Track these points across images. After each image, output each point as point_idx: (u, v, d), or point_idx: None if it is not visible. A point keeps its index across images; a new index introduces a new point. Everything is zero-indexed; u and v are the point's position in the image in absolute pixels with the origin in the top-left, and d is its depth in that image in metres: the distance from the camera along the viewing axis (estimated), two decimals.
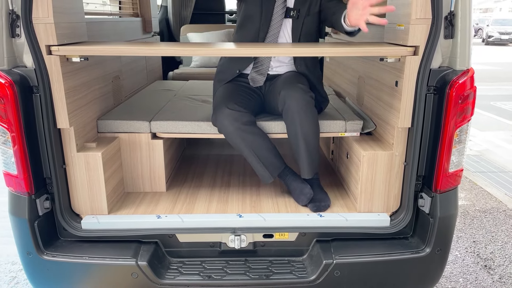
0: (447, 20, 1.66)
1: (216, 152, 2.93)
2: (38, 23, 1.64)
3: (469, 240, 3.05)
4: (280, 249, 1.95)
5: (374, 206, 1.98)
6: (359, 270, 1.83)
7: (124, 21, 2.98)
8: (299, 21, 2.16)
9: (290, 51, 1.89)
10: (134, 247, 1.85)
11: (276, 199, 2.15)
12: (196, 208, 2.06)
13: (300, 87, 2.01)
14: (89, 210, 1.93)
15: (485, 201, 3.69)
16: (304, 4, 2.15)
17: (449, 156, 1.72)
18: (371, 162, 1.91)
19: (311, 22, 2.18)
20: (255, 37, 2.17)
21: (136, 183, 2.21)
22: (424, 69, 1.69)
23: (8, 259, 2.74)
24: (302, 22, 2.16)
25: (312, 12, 2.16)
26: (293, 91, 1.98)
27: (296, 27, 2.18)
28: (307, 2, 2.15)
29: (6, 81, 1.59)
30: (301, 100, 1.96)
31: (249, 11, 2.18)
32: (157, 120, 2.12)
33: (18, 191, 1.72)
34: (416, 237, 1.90)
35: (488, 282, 2.59)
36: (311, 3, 2.15)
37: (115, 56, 2.43)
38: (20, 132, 1.64)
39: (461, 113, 1.67)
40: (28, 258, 1.80)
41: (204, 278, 1.82)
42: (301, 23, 2.17)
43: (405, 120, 1.79)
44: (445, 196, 1.78)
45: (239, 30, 2.26)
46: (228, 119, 1.97)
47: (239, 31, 2.26)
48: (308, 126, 1.97)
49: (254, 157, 2.02)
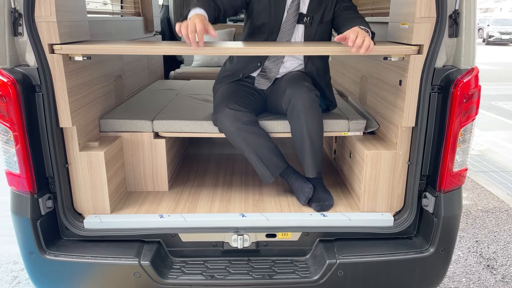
0: (452, 19, 1.65)
1: (217, 151, 2.92)
2: (41, 21, 1.63)
3: (472, 240, 3.04)
4: (283, 249, 1.94)
5: (377, 206, 1.97)
6: (363, 270, 1.82)
7: (126, 20, 2.97)
8: (312, 29, 2.12)
9: (292, 50, 1.88)
10: (136, 246, 1.84)
11: (278, 198, 2.14)
12: (199, 207, 2.05)
13: (305, 85, 2.00)
14: (92, 209, 1.93)
15: (487, 201, 3.68)
16: (318, 11, 2.10)
17: (454, 156, 1.71)
18: (375, 162, 1.91)
19: (324, 30, 2.14)
20: None
21: (138, 182, 2.21)
22: (428, 68, 1.68)
23: (9, 259, 2.74)
24: (315, 30, 2.12)
25: (325, 20, 2.12)
26: (299, 90, 1.97)
27: (309, 34, 2.13)
28: (321, 9, 2.09)
29: (8, 80, 1.58)
30: (306, 99, 1.95)
31: (258, 21, 2.12)
32: (160, 119, 2.12)
33: (21, 190, 1.72)
34: (419, 237, 1.89)
35: (491, 282, 2.58)
36: (325, 11, 2.10)
37: (117, 55, 2.42)
38: (23, 131, 1.64)
39: (465, 112, 1.66)
40: (30, 258, 1.79)
41: (207, 278, 1.81)
42: (314, 31, 2.12)
43: (409, 119, 1.78)
44: (449, 196, 1.77)
45: (247, 39, 2.21)
46: (228, 119, 1.96)
47: (247, 40, 2.21)
48: (313, 125, 1.96)
49: (255, 156, 2.01)
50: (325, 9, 2.10)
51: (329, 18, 2.12)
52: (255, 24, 2.14)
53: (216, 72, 2.43)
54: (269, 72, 2.22)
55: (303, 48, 1.79)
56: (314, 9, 2.10)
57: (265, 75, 2.23)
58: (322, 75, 2.24)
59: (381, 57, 2.10)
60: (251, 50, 1.79)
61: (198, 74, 3.95)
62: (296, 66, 2.22)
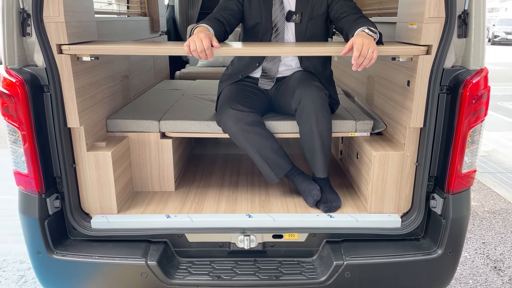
0: (461, 19, 1.64)
1: (223, 151, 2.92)
2: (49, 22, 1.63)
3: (479, 242, 3.02)
4: (290, 250, 1.94)
5: (384, 207, 1.96)
6: (370, 272, 1.81)
7: (132, 20, 2.98)
8: (302, 25, 2.12)
9: (302, 51, 1.87)
10: (143, 246, 1.84)
11: (285, 199, 2.14)
12: (205, 208, 2.05)
13: (315, 85, 1.99)
14: (99, 209, 1.93)
15: (494, 202, 3.66)
16: (306, 7, 2.09)
17: (462, 157, 1.70)
18: (382, 163, 1.90)
19: (315, 25, 2.13)
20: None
21: (145, 182, 2.21)
22: (437, 69, 1.67)
23: (16, 258, 2.75)
24: (305, 26, 2.11)
25: (316, 14, 2.10)
26: (308, 90, 1.96)
27: (300, 32, 2.13)
28: (310, 4, 2.09)
29: (17, 80, 1.58)
30: (317, 98, 1.94)
31: (251, 22, 2.15)
32: (166, 120, 2.12)
33: (28, 190, 1.72)
34: (427, 239, 1.88)
35: (498, 283, 2.56)
36: (314, 6, 2.09)
37: (124, 56, 2.42)
38: (31, 131, 1.64)
39: (474, 113, 1.65)
40: (38, 257, 1.79)
41: (213, 278, 1.81)
42: (305, 28, 2.12)
43: (417, 120, 1.77)
44: (457, 197, 1.76)
45: (244, 40, 2.25)
46: (231, 120, 1.96)
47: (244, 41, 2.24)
48: (323, 125, 1.95)
49: (259, 157, 2.01)
50: (314, 4, 2.10)
51: (321, 13, 2.10)
52: (249, 26, 2.18)
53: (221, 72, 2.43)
54: (269, 72, 2.23)
55: (310, 49, 1.78)
56: (303, 6, 2.10)
57: (266, 75, 2.24)
58: (321, 70, 2.22)
59: (389, 58, 2.09)
60: (256, 51, 1.80)
61: (204, 74, 3.95)
62: (293, 64, 2.23)
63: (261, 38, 2.16)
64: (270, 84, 2.24)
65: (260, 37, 2.16)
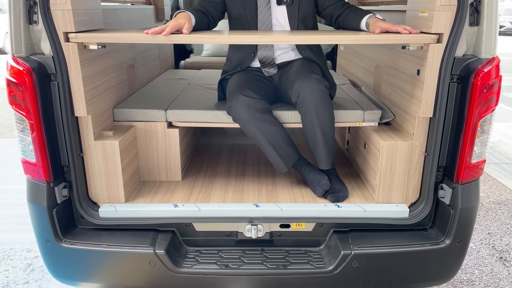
0: (473, 7, 1.61)
1: (229, 141, 2.92)
2: (56, 9, 1.62)
3: (484, 232, 3.02)
4: (297, 239, 1.94)
5: (392, 197, 1.96)
6: (378, 261, 1.81)
7: (137, 8, 2.95)
8: (294, 7, 2.12)
9: (312, 39, 1.85)
10: (151, 235, 1.85)
11: (292, 189, 2.13)
12: (212, 197, 2.05)
13: (313, 77, 1.97)
14: (106, 198, 1.93)
15: (500, 193, 3.65)
16: None
17: (472, 147, 1.69)
18: (391, 153, 1.89)
19: (306, 5, 2.14)
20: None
21: (152, 172, 2.21)
22: (448, 58, 1.65)
23: (23, 247, 2.77)
24: (297, 7, 2.12)
25: None
26: (307, 82, 1.95)
27: (292, 13, 2.13)
28: None
29: (24, 68, 1.57)
30: (316, 91, 1.93)
31: (235, 13, 2.16)
32: (173, 109, 2.11)
33: (37, 179, 1.72)
34: (435, 229, 1.88)
35: (504, 274, 2.56)
36: None
37: (129, 44, 2.40)
38: (38, 119, 1.64)
39: (485, 103, 1.63)
40: (46, 246, 1.80)
41: (221, 267, 1.82)
42: (297, 9, 2.12)
43: (427, 110, 1.75)
44: (466, 188, 1.75)
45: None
46: (243, 107, 1.95)
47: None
48: (324, 117, 1.94)
49: (269, 146, 1.99)
50: None
51: None
52: (234, 17, 2.19)
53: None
54: (267, 59, 2.23)
55: (319, 37, 1.76)
56: None
57: (266, 63, 2.24)
58: (317, 52, 2.24)
59: (397, 46, 2.07)
60: (259, 39, 1.80)
61: (208, 64, 3.93)
62: (288, 46, 2.22)
63: (249, 27, 2.17)
64: (273, 71, 2.24)
65: (247, 26, 2.17)
